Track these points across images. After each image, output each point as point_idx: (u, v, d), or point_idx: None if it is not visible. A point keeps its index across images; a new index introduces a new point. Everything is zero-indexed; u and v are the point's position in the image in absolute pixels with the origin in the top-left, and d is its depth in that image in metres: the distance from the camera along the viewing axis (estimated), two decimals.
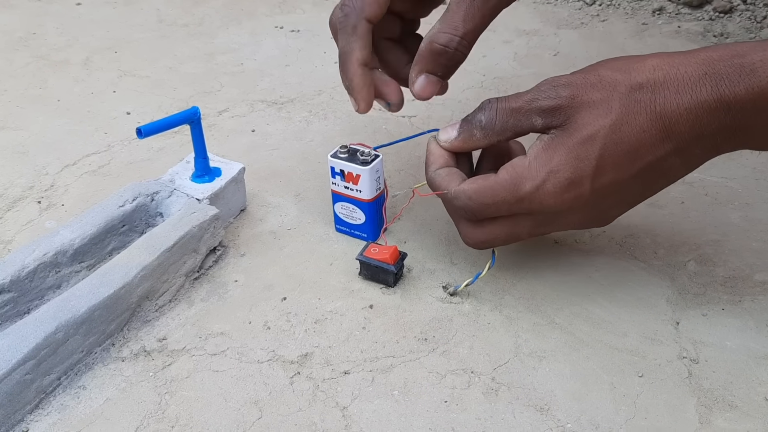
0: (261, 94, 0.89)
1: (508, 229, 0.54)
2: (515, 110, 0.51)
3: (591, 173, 0.49)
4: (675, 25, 1.00)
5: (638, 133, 0.48)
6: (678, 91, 0.47)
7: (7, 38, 1.04)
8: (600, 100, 0.48)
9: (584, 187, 0.49)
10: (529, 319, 0.56)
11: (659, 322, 0.56)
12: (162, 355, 0.54)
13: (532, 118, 0.51)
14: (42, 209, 0.69)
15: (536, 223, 0.53)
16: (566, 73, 0.51)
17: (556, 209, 0.51)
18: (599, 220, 0.54)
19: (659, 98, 0.47)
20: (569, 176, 0.49)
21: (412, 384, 0.51)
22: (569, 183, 0.49)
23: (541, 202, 0.50)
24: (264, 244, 0.65)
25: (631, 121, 0.48)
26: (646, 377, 0.51)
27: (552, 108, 0.50)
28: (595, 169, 0.49)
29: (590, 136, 0.48)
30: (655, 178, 0.51)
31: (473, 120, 0.54)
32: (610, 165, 0.49)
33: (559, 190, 0.49)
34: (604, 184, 0.50)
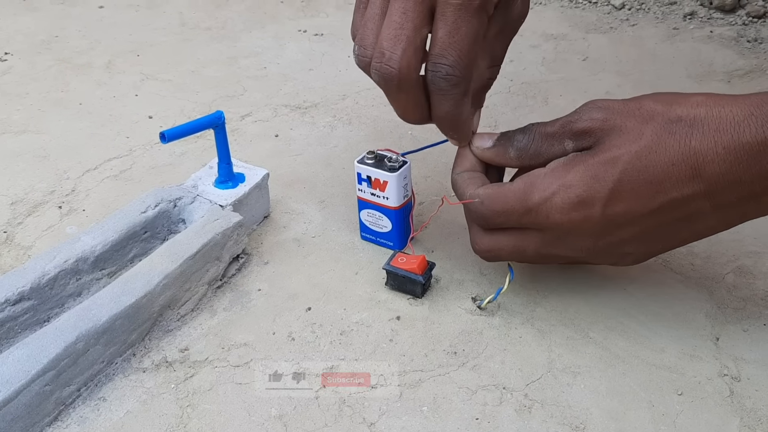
0: (284, 99, 0.88)
1: (515, 242, 0.52)
2: (549, 135, 0.50)
3: (605, 196, 0.46)
4: (707, 30, 0.98)
5: (665, 165, 0.45)
6: (718, 130, 0.44)
7: (30, 41, 1.04)
8: (632, 127, 0.46)
9: (594, 210, 0.47)
10: (562, 332, 0.54)
11: (698, 337, 0.54)
12: (184, 367, 0.53)
13: (564, 142, 0.49)
14: (63, 214, 0.68)
15: (543, 241, 0.51)
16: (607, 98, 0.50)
17: (562, 228, 0.49)
18: (612, 255, 0.51)
19: (696, 134, 0.44)
20: (580, 194, 0.47)
21: (442, 400, 0.50)
22: (579, 201, 0.47)
23: (548, 216, 0.48)
24: (288, 252, 0.63)
25: (661, 150, 0.45)
26: (686, 395, 0.49)
27: (583, 131, 0.48)
28: (610, 193, 0.46)
29: (613, 158, 0.46)
30: (678, 222, 0.48)
31: (512, 137, 0.52)
32: (627, 192, 0.46)
33: (567, 207, 0.47)
34: (617, 212, 0.47)
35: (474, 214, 0.52)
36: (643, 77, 0.89)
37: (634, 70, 0.90)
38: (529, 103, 0.84)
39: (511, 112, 0.82)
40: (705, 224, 0.48)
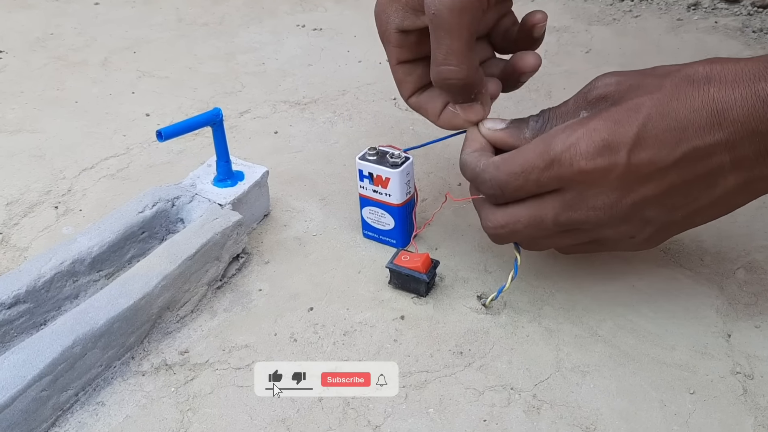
0: (283, 95, 0.87)
1: (533, 210, 0.49)
2: (563, 113, 0.49)
3: (630, 141, 0.45)
4: (712, 21, 0.96)
5: (687, 112, 0.44)
6: (735, 81, 0.43)
7: (24, 39, 1.03)
8: (650, 83, 0.46)
9: (620, 155, 0.45)
10: (570, 331, 0.53)
11: (709, 334, 0.53)
12: (184, 369, 0.51)
13: (579, 114, 0.48)
14: (59, 215, 0.67)
15: (563, 203, 0.48)
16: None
17: (586, 178, 0.46)
18: (632, 221, 0.48)
19: (714, 84, 0.44)
20: (605, 137, 0.45)
21: (448, 401, 0.48)
22: (604, 145, 0.45)
23: (572, 164, 0.46)
24: (289, 251, 0.62)
25: (682, 98, 0.44)
26: (698, 394, 0.48)
27: (598, 97, 0.47)
28: (635, 138, 0.45)
29: (635, 105, 0.45)
30: (699, 181, 0.46)
31: (526, 120, 0.51)
32: (651, 138, 0.45)
33: (593, 151, 0.45)
34: (642, 160, 0.45)
35: (488, 184, 0.49)
36: None
37: (638, 62, 0.89)
38: (533, 96, 0.82)
39: (514, 106, 0.80)
40: (724, 187, 0.46)
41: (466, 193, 0.61)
